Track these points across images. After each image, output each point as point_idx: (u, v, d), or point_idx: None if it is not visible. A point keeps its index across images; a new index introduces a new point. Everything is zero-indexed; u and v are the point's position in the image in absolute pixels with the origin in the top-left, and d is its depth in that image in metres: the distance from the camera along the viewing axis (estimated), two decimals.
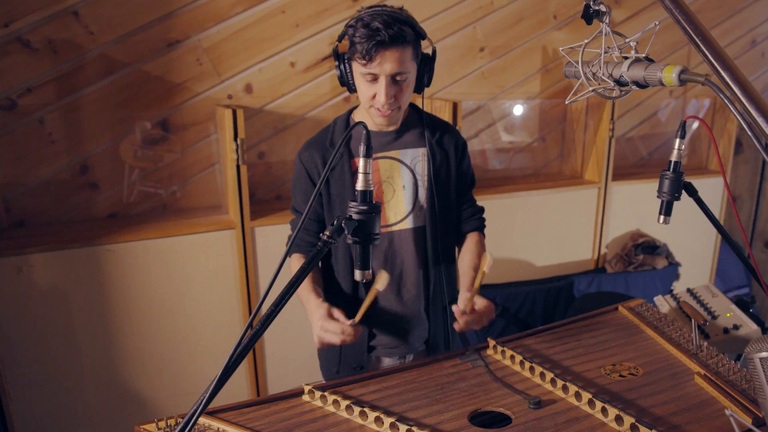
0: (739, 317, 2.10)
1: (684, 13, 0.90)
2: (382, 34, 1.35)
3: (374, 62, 1.38)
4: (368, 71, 1.41)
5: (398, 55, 1.39)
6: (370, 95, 1.45)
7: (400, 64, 1.40)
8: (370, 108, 1.49)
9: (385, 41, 1.35)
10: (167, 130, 2.57)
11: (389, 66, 1.39)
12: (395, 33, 1.36)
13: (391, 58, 1.38)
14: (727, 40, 3.84)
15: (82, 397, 2.31)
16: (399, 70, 1.41)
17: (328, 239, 1.05)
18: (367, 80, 1.43)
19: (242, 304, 2.49)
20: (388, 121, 1.52)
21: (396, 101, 1.46)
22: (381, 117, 1.49)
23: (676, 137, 1.35)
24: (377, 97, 1.44)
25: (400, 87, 1.45)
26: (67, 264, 2.21)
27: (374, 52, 1.36)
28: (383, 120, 1.51)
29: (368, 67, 1.40)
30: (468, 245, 1.68)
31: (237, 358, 0.94)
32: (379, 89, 1.43)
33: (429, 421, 1.22)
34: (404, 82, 1.45)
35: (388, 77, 1.41)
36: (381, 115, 1.49)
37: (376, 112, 1.48)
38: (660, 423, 1.19)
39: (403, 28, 1.38)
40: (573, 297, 3.15)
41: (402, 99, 1.48)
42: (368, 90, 1.45)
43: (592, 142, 3.27)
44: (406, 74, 1.43)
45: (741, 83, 0.79)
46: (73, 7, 2.30)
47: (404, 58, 1.41)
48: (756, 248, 3.98)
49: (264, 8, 2.60)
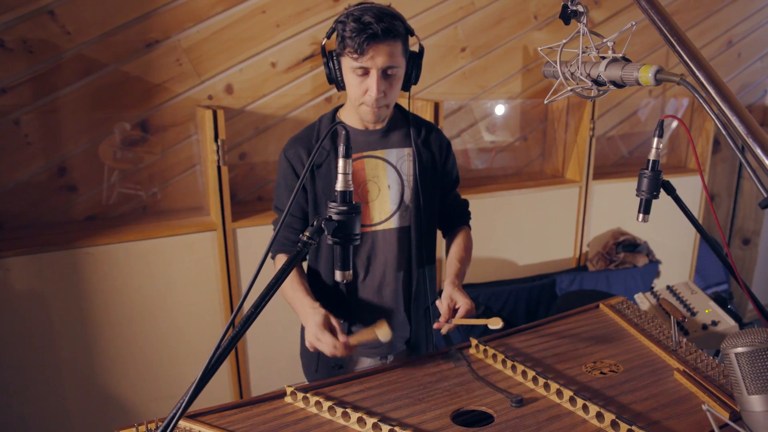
0: (717, 313, 2.13)
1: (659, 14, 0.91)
2: (374, 27, 1.35)
3: (366, 56, 1.38)
4: (360, 65, 1.41)
5: (389, 48, 1.40)
6: (361, 91, 1.45)
7: (391, 57, 1.41)
8: (360, 105, 1.48)
9: (377, 34, 1.36)
10: (147, 131, 2.54)
11: (381, 59, 1.39)
12: (387, 26, 1.37)
13: (382, 51, 1.39)
14: (704, 41, 3.90)
15: (61, 401, 2.28)
16: (390, 64, 1.41)
17: (308, 240, 1.05)
18: (357, 75, 1.43)
19: (224, 305, 2.47)
20: (376, 118, 1.51)
21: (385, 97, 1.46)
22: (370, 113, 1.49)
23: (654, 136, 1.36)
24: (369, 91, 1.44)
25: (390, 82, 1.45)
26: (46, 267, 2.17)
27: (366, 45, 1.37)
28: (371, 116, 1.50)
29: (360, 61, 1.40)
30: (456, 239, 1.69)
31: (217, 360, 0.94)
32: (371, 83, 1.42)
33: (411, 421, 1.22)
34: (394, 77, 1.45)
35: (380, 71, 1.41)
36: (371, 111, 1.48)
37: (366, 108, 1.48)
38: (640, 419, 1.21)
39: (395, 22, 1.39)
40: (555, 295, 3.17)
41: (391, 95, 1.48)
42: (359, 85, 1.44)
43: (573, 141, 3.30)
44: (396, 69, 1.44)
45: (715, 83, 0.80)
46: (48, 6, 2.26)
47: (395, 52, 1.41)
48: (734, 245, 4.04)
49: (244, 8, 2.58)
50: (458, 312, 1.43)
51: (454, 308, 1.44)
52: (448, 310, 1.43)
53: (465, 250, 1.66)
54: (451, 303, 1.44)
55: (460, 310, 1.43)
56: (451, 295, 1.45)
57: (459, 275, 1.56)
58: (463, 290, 1.48)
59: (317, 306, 1.44)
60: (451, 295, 1.45)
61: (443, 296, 1.46)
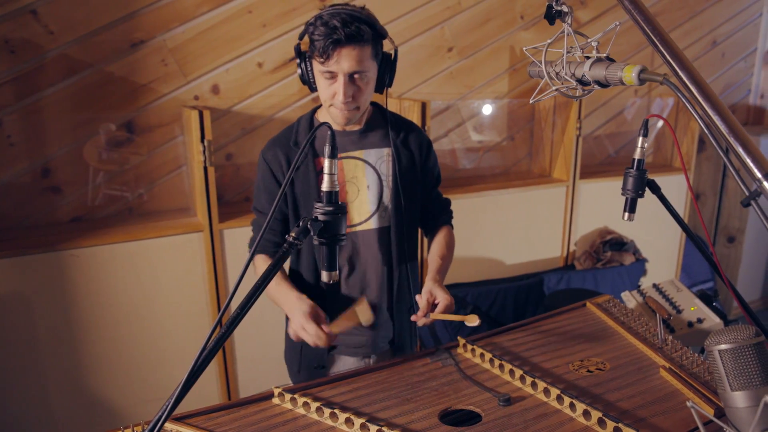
0: (702, 311, 2.14)
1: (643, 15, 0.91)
2: (339, 32, 1.35)
3: (332, 60, 1.39)
4: (326, 69, 1.41)
5: (356, 53, 1.39)
6: (330, 94, 1.45)
7: (358, 62, 1.40)
8: (330, 107, 1.49)
9: (341, 39, 1.36)
10: (132, 132, 2.52)
11: (347, 64, 1.39)
12: (352, 31, 1.36)
13: (348, 56, 1.38)
14: (688, 41, 3.93)
15: (46, 405, 2.25)
16: (357, 69, 1.41)
17: (293, 240, 1.04)
18: (326, 78, 1.43)
19: (212, 307, 2.46)
20: (346, 120, 1.51)
21: (354, 101, 1.46)
22: (340, 116, 1.49)
23: (639, 136, 1.37)
24: (336, 96, 1.44)
25: (358, 86, 1.45)
26: (30, 270, 2.15)
27: (331, 50, 1.37)
28: (342, 119, 1.50)
29: (326, 65, 1.40)
30: (438, 237, 1.70)
31: (203, 362, 0.93)
32: (338, 88, 1.42)
33: (399, 421, 1.22)
34: (363, 81, 1.45)
35: (346, 75, 1.41)
36: (340, 113, 1.48)
37: (336, 111, 1.48)
38: (626, 416, 1.21)
39: (361, 26, 1.38)
40: (543, 294, 3.18)
41: (361, 99, 1.48)
42: (328, 88, 1.45)
43: (560, 140, 3.32)
44: (364, 73, 1.44)
45: (697, 82, 0.81)
46: (31, 6, 2.24)
47: (362, 57, 1.41)
48: (719, 243, 4.09)
49: (230, 8, 2.57)
50: (437, 307, 1.44)
51: (434, 303, 1.45)
52: (427, 304, 1.44)
53: (447, 247, 1.66)
54: (431, 298, 1.45)
55: (439, 305, 1.44)
56: (431, 290, 1.46)
57: (440, 272, 1.57)
58: (443, 286, 1.49)
59: (304, 297, 1.46)
60: (431, 290, 1.46)
61: (423, 291, 1.47)
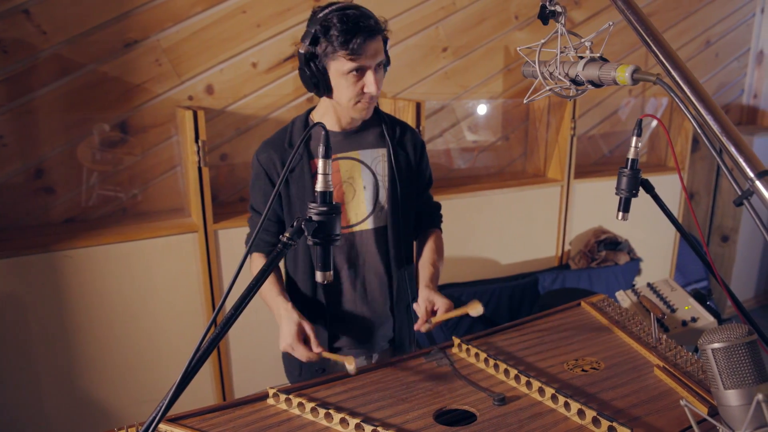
0: (696, 310, 2.15)
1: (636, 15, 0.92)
2: (364, 27, 1.36)
3: (363, 55, 1.38)
4: (356, 65, 1.40)
5: (378, 44, 1.42)
6: (357, 90, 1.44)
7: (380, 53, 1.43)
8: (355, 104, 1.47)
9: (372, 31, 1.38)
10: (126, 132, 2.51)
11: (375, 56, 1.41)
12: (372, 24, 1.39)
13: (374, 48, 1.41)
14: (682, 41, 3.95)
15: (40, 407, 2.24)
16: (380, 59, 1.44)
17: (288, 241, 1.04)
18: (352, 75, 1.42)
19: (206, 307, 2.45)
20: (368, 114, 1.52)
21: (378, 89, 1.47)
22: (365, 110, 1.49)
23: (633, 135, 1.38)
24: (366, 88, 1.43)
25: (380, 76, 1.46)
26: (23, 271, 2.14)
27: (364, 45, 1.37)
28: (368, 112, 1.50)
29: (357, 61, 1.39)
30: (428, 242, 1.70)
31: (197, 362, 0.93)
32: (369, 80, 1.42)
33: (394, 421, 1.22)
34: (381, 70, 1.47)
35: (374, 67, 1.42)
36: (367, 107, 1.48)
37: (363, 105, 1.47)
38: (620, 415, 1.22)
39: (373, 17, 1.42)
40: (538, 294, 3.19)
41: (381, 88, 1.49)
42: (354, 85, 1.43)
43: (555, 140, 3.32)
44: (383, 61, 1.46)
45: (690, 82, 0.81)
46: (23, 6, 2.23)
47: (381, 47, 1.44)
48: (713, 242, 4.10)
49: (224, 8, 2.56)
50: (438, 312, 1.45)
51: (433, 310, 1.46)
52: (426, 312, 1.44)
53: (437, 252, 1.67)
54: (430, 305, 1.45)
55: (439, 310, 1.45)
56: (428, 297, 1.47)
57: (433, 279, 1.57)
58: (439, 292, 1.49)
59: (290, 308, 1.46)
60: (428, 297, 1.47)
61: (420, 300, 1.47)
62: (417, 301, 1.48)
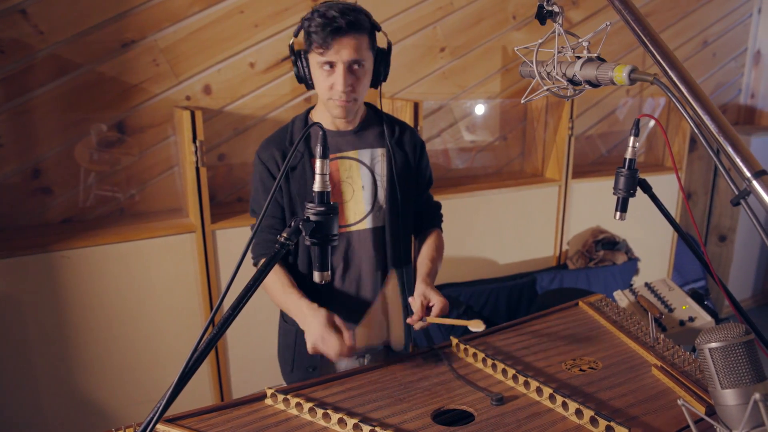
0: (694, 310, 2.15)
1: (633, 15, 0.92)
2: (339, 20, 1.37)
3: (331, 49, 1.39)
4: (325, 59, 1.41)
5: (355, 42, 1.40)
6: (327, 85, 1.45)
7: (357, 51, 1.41)
8: (328, 101, 1.48)
9: (341, 27, 1.37)
10: (124, 133, 2.51)
11: (346, 53, 1.40)
12: (351, 20, 1.38)
13: (347, 45, 1.40)
14: (679, 41, 3.95)
15: (38, 407, 2.24)
16: (355, 58, 1.42)
17: (285, 241, 1.04)
18: (324, 70, 1.43)
19: (204, 308, 2.45)
20: (345, 113, 1.50)
21: (353, 91, 1.46)
22: (339, 108, 1.48)
23: (630, 135, 1.38)
24: (335, 86, 1.44)
25: (356, 77, 1.45)
26: (20, 271, 2.13)
27: (331, 39, 1.38)
28: (340, 111, 1.49)
29: (325, 56, 1.40)
30: (428, 240, 1.69)
31: (195, 363, 0.93)
32: (337, 77, 1.43)
33: (392, 421, 1.22)
34: (361, 71, 1.45)
35: (345, 64, 1.42)
36: (339, 105, 1.48)
37: (334, 103, 1.47)
38: (618, 415, 1.22)
39: (359, 16, 1.41)
40: (536, 294, 3.19)
41: (359, 89, 1.48)
42: (326, 80, 1.44)
43: (552, 140, 3.32)
44: (362, 63, 1.44)
45: (687, 82, 0.81)
46: (20, 5, 2.22)
47: (360, 46, 1.42)
48: (711, 242, 4.11)
49: (222, 8, 2.56)
50: (433, 310, 1.43)
51: (428, 306, 1.45)
52: (421, 307, 1.43)
53: (436, 250, 1.66)
54: (425, 301, 1.45)
55: (434, 308, 1.43)
56: (423, 293, 1.46)
57: (431, 274, 1.56)
58: (436, 289, 1.49)
59: (315, 306, 1.42)
60: (424, 293, 1.46)
61: (416, 294, 1.47)
62: (412, 296, 1.48)
